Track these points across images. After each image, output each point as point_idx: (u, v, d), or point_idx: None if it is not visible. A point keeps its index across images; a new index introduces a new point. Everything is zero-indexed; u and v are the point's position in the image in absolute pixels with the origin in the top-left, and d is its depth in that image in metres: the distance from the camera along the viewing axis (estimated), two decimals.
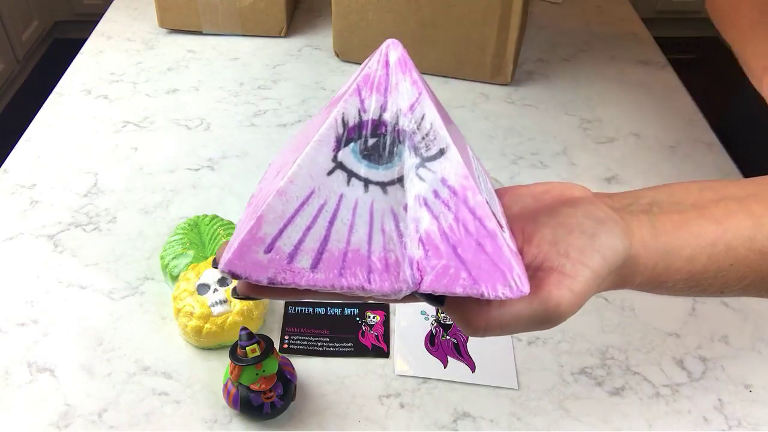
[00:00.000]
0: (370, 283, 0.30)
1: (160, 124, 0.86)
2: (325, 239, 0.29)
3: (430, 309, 0.62)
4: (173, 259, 0.63)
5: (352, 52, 0.96)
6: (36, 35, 2.50)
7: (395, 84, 0.29)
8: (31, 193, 0.75)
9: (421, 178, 0.29)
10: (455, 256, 0.30)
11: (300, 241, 0.29)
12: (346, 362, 0.58)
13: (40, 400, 0.55)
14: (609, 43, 1.03)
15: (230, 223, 0.66)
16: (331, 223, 0.29)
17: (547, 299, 0.33)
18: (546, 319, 0.33)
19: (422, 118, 0.29)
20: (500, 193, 0.39)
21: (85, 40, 1.03)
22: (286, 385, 0.53)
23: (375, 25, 0.91)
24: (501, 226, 0.32)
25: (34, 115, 0.87)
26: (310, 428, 0.54)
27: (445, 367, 0.58)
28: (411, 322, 0.62)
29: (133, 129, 0.85)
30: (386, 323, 0.61)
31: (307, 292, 0.31)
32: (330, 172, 0.29)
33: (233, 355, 0.51)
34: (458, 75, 0.93)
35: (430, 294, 0.31)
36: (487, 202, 0.31)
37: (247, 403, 0.52)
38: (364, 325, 0.61)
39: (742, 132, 0.87)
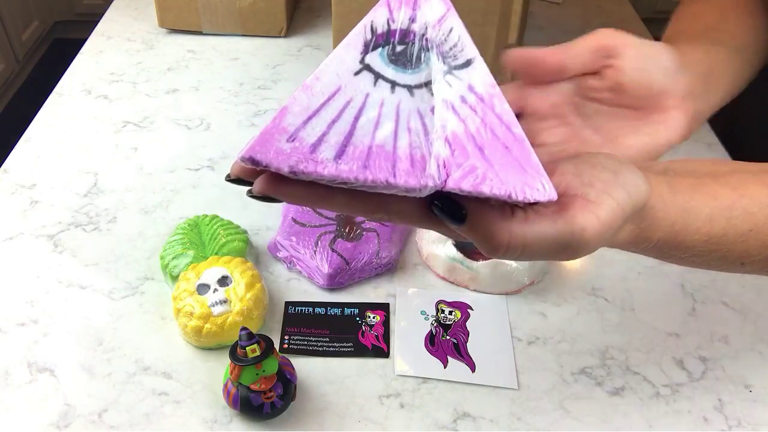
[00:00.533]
0: (395, 177, 0.28)
1: (160, 124, 0.86)
2: (350, 133, 0.28)
3: (431, 309, 0.62)
4: (173, 259, 0.63)
5: None
6: (36, 35, 2.50)
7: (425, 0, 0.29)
8: (31, 193, 0.75)
9: (448, 84, 0.29)
10: (482, 157, 0.29)
11: (324, 134, 0.28)
12: (346, 362, 0.58)
13: (40, 400, 0.55)
14: None
15: (230, 223, 0.66)
16: (357, 118, 0.28)
17: (572, 221, 0.32)
18: (569, 243, 0.32)
19: (450, 31, 0.29)
20: None
21: (85, 40, 1.03)
22: (286, 385, 0.53)
23: None
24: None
25: (34, 115, 0.87)
26: (310, 428, 0.54)
27: (445, 367, 0.58)
28: (411, 322, 0.62)
29: (133, 129, 0.85)
30: (386, 323, 0.61)
31: (328, 196, 0.30)
32: (357, 73, 0.29)
33: (233, 355, 0.51)
34: None
35: (451, 206, 0.30)
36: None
37: (247, 403, 0.52)
38: (364, 325, 0.61)
39: (742, 132, 0.87)
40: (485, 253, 0.32)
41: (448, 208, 0.30)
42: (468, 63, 0.30)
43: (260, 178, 0.30)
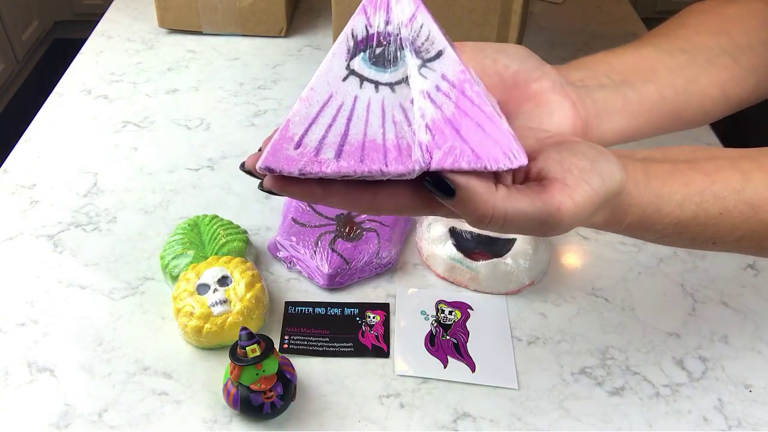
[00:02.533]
0: (387, 166, 0.33)
1: (160, 124, 0.86)
2: (345, 134, 0.33)
3: (431, 309, 0.62)
4: (173, 259, 0.63)
5: None
6: (36, 35, 2.50)
7: (396, 1, 0.33)
8: (31, 193, 0.75)
9: (423, 77, 0.33)
10: (459, 137, 0.34)
11: (323, 137, 0.33)
12: (346, 362, 0.58)
13: (40, 400, 0.55)
14: (609, 43, 1.02)
15: (230, 223, 0.66)
16: (349, 119, 0.33)
17: (549, 201, 0.35)
18: (546, 220, 0.35)
19: (421, 27, 0.33)
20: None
21: (85, 40, 1.03)
22: (286, 385, 0.53)
23: None
24: (498, 115, 0.35)
25: (34, 115, 0.87)
26: (310, 428, 0.54)
27: (445, 367, 0.58)
28: (411, 322, 0.62)
29: (133, 129, 0.85)
30: (386, 323, 0.61)
31: (326, 195, 0.35)
32: (344, 78, 0.33)
33: (233, 355, 0.51)
34: None
35: (440, 185, 0.34)
36: (484, 94, 0.35)
37: (247, 403, 0.52)
38: (364, 325, 0.61)
39: (743, 132, 0.87)
40: (470, 224, 0.36)
41: (438, 185, 0.34)
42: (439, 54, 0.34)
43: (269, 177, 0.35)
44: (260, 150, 0.39)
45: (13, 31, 2.32)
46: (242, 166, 0.36)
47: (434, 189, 0.34)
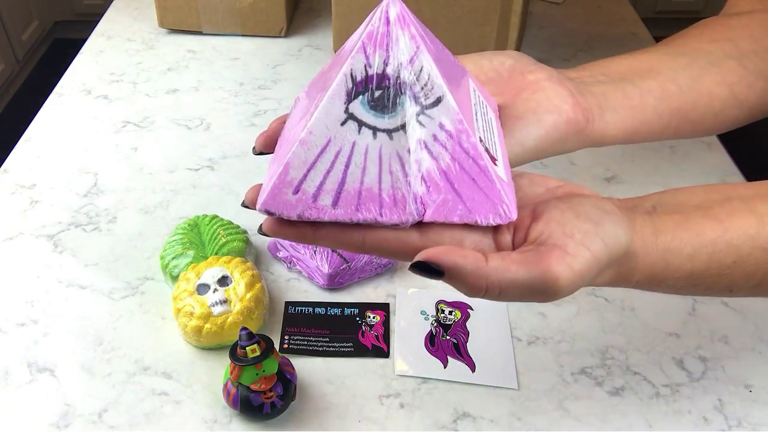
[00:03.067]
0: (381, 216, 0.34)
1: (160, 124, 0.86)
2: (342, 181, 0.34)
3: (431, 309, 0.63)
4: (173, 259, 0.63)
5: None
6: (36, 35, 2.50)
7: (396, 39, 0.32)
8: (31, 193, 0.75)
9: (421, 124, 0.33)
10: (453, 191, 0.34)
11: (321, 183, 0.34)
12: (346, 362, 0.58)
13: (40, 400, 0.55)
14: (609, 43, 1.03)
15: (230, 223, 0.66)
16: (347, 166, 0.34)
17: (547, 270, 0.34)
18: (543, 290, 0.34)
19: (420, 70, 0.32)
20: (517, 174, 0.41)
21: (85, 40, 1.03)
22: (286, 385, 0.53)
23: None
24: (494, 160, 0.36)
25: (34, 115, 0.87)
26: (310, 428, 0.54)
27: (445, 367, 0.58)
28: (411, 322, 0.62)
29: (133, 129, 0.85)
30: (386, 323, 0.61)
31: (319, 233, 0.36)
32: (343, 123, 0.33)
33: (233, 355, 0.51)
34: None
35: (428, 269, 0.34)
36: (481, 140, 0.35)
37: (247, 403, 0.52)
38: (364, 325, 0.61)
39: (743, 132, 0.87)
40: (466, 295, 0.36)
41: (426, 269, 0.34)
42: (438, 101, 0.33)
43: (267, 219, 0.36)
44: (257, 152, 0.40)
45: (13, 31, 2.32)
46: (243, 204, 0.37)
47: (422, 273, 0.34)
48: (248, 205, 0.37)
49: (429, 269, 0.34)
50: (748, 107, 0.51)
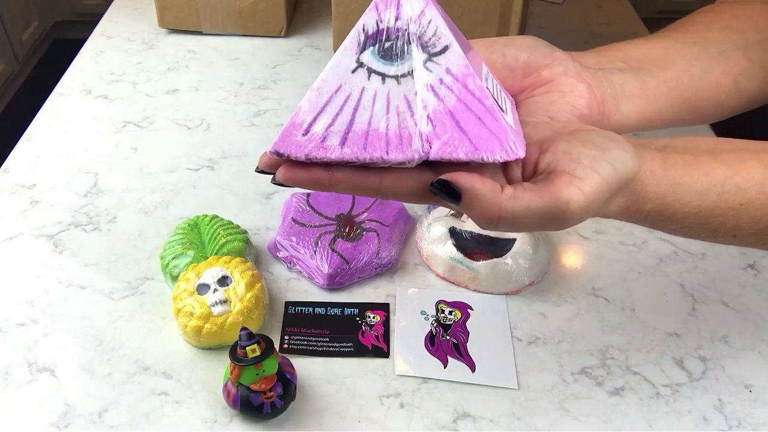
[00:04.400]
0: (388, 153, 0.35)
1: (160, 124, 0.86)
2: (351, 122, 0.35)
3: (431, 309, 0.62)
4: (173, 259, 0.63)
5: None
6: (36, 35, 2.50)
7: None
8: (31, 193, 0.75)
9: (428, 70, 0.35)
10: (459, 129, 0.35)
11: (330, 125, 0.35)
12: (346, 362, 0.58)
13: (40, 400, 0.55)
14: (609, 43, 1.03)
15: (230, 223, 0.66)
16: (355, 109, 0.35)
17: (557, 195, 0.34)
18: (556, 215, 0.35)
19: (429, 23, 0.34)
20: (522, 123, 0.41)
21: (85, 40, 1.03)
22: (286, 385, 0.53)
23: None
24: (502, 109, 0.37)
25: (34, 115, 0.87)
26: (310, 428, 0.54)
27: (445, 367, 0.58)
28: (411, 322, 0.62)
29: (133, 129, 0.85)
30: (386, 323, 0.61)
31: (335, 177, 0.36)
32: (354, 71, 0.35)
33: (233, 355, 0.51)
34: None
35: (446, 188, 0.35)
36: (487, 88, 0.36)
37: (247, 403, 0.52)
38: (364, 325, 0.61)
39: (742, 132, 0.87)
40: (481, 226, 0.36)
41: (444, 188, 0.35)
42: (445, 49, 0.35)
43: (281, 167, 0.36)
44: (259, 170, 0.41)
45: (13, 31, 2.32)
46: (257, 169, 0.38)
47: (440, 193, 0.35)
48: (262, 168, 0.37)
49: (449, 190, 0.35)
50: (748, 97, 0.52)
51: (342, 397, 0.56)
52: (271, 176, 0.38)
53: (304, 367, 0.57)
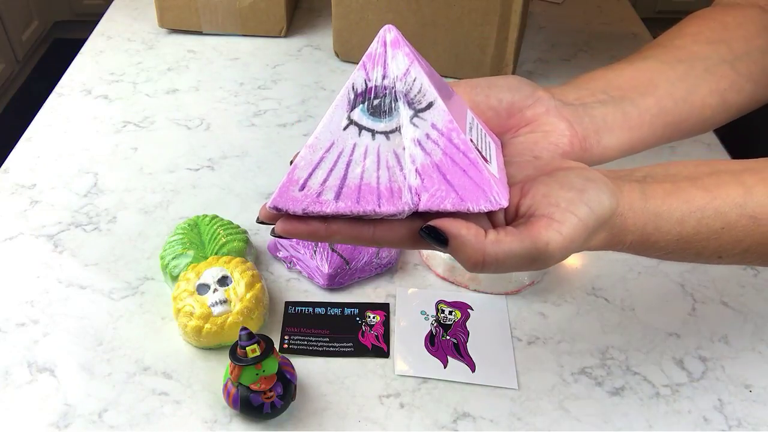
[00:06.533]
0: (380, 206, 0.37)
1: (160, 124, 0.86)
2: (344, 177, 0.37)
3: (431, 309, 0.62)
4: (173, 259, 0.63)
5: (352, 52, 0.96)
6: (36, 35, 2.50)
7: (392, 57, 0.36)
8: (31, 193, 0.75)
9: (415, 126, 0.36)
10: (445, 182, 0.37)
11: (325, 180, 0.37)
12: (346, 362, 0.58)
13: (40, 400, 0.55)
14: (609, 43, 1.03)
15: (230, 223, 0.66)
16: (348, 165, 0.37)
17: (537, 238, 0.36)
18: (537, 257, 0.36)
19: (414, 81, 0.36)
20: (506, 163, 0.43)
21: (85, 40, 1.03)
22: (286, 385, 0.53)
23: (375, 25, 0.91)
24: (486, 160, 0.39)
25: (34, 115, 0.87)
26: (310, 428, 0.54)
27: (445, 367, 0.58)
28: (411, 322, 0.62)
29: (133, 129, 0.85)
30: (386, 323, 0.61)
31: (331, 228, 0.38)
32: (345, 128, 0.37)
33: (233, 355, 0.51)
34: (458, 75, 0.93)
35: (434, 234, 0.37)
36: (471, 141, 0.38)
37: (247, 403, 0.52)
38: (364, 325, 0.61)
39: (742, 132, 0.87)
40: (466, 269, 0.38)
41: (434, 235, 0.37)
42: (430, 105, 0.36)
43: (280, 221, 0.38)
44: (260, 221, 0.43)
45: (13, 31, 2.32)
46: (257, 220, 0.40)
47: (428, 238, 0.37)
48: (263, 220, 0.39)
49: (437, 235, 0.37)
50: (736, 110, 0.53)
51: (342, 397, 0.56)
52: (271, 228, 0.39)
53: (304, 367, 0.58)
